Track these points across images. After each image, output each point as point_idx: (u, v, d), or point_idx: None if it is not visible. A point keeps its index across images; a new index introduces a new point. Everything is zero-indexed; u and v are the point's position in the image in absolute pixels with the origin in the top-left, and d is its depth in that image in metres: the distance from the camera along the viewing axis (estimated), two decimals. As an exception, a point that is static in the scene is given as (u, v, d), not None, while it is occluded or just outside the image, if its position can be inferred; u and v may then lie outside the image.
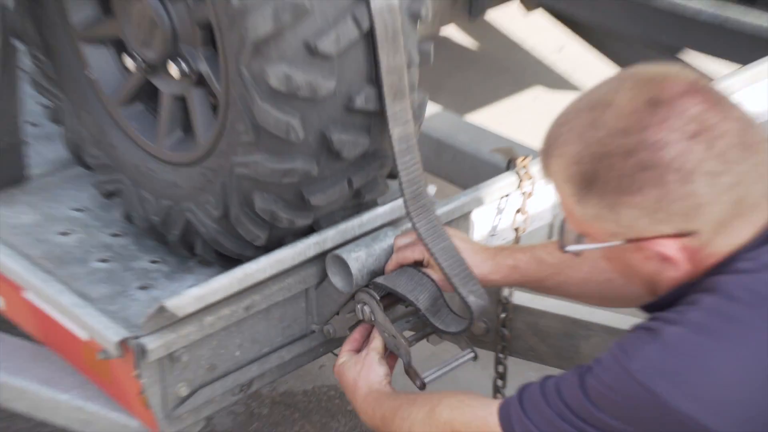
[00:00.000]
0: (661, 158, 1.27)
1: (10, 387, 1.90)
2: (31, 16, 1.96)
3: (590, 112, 1.33)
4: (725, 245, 1.32)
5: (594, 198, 1.32)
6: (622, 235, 1.34)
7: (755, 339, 1.26)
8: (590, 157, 1.31)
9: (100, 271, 1.91)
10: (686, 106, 1.28)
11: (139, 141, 1.93)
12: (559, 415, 1.36)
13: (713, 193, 1.28)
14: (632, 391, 1.28)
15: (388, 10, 1.59)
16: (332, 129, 1.64)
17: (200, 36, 1.72)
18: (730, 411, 1.25)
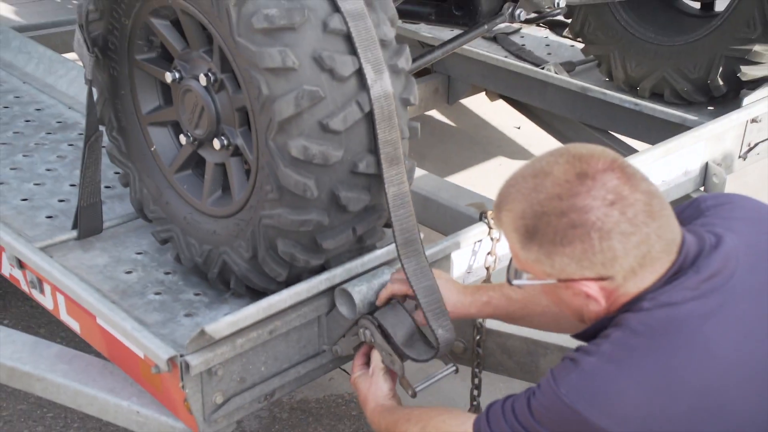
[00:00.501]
0: (586, 220, 1.27)
1: (84, 394, 1.84)
2: (111, 107, 1.97)
3: (533, 178, 1.33)
4: (634, 287, 1.32)
5: (534, 246, 1.32)
6: (555, 275, 1.33)
7: (650, 364, 1.26)
8: (532, 214, 1.31)
9: (155, 302, 1.87)
10: (606, 179, 1.28)
11: (187, 199, 1.91)
12: (512, 428, 1.36)
13: (625, 248, 1.28)
14: (561, 409, 1.28)
15: (384, 96, 1.58)
16: (340, 188, 1.61)
17: (238, 118, 1.71)
18: (635, 423, 1.24)
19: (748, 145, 2.77)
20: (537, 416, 1.33)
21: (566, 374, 1.30)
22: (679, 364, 1.25)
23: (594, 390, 1.26)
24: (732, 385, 1.25)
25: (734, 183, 3.15)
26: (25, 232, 2.09)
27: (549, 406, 1.30)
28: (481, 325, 1.99)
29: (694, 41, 2.89)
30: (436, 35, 3.47)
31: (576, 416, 1.26)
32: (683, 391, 1.24)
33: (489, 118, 4.58)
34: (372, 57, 1.56)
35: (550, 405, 1.30)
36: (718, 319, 1.28)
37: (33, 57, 3.07)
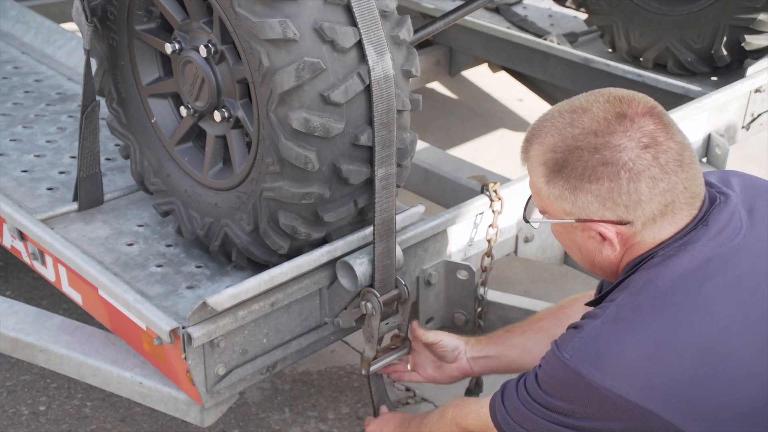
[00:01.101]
0: (618, 158, 1.28)
1: (87, 365, 1.86)
2: (111, 78, 1.96)
3: (570, 114, 1.34)
4: (650, 237, 1.33)
5: (561, 180, 1.32)
6: (575, 215, 1.34)
7: (651, 322, 1.26)
8: (564, 148, 1.32)
9: (157, 275, 1.87)
10: (644, 123, 1.30)
11: (189, 171, 1.90)
12: (524, 403, 1.37)
13: (651, 193, 1.29)
14: (565, 375, 1.28)
15: (385, 78, 1.58)
16: (341, 161, 1.61)
17: (238, 90, 1.70)
18: (639, 382, 1.24)
19: (751, 115, 2.75)
20: (545, 387, 1.33)
21: (570, 339, 1.30)
22: (681, 321, 1.25)
23: (596, 351, 1.26)
24: (734, 342, 1.25)
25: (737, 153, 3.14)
26: (25, 203, 2.09)
27: (554, 373, 1.31)
28: (482, 297, 1.99)
29: (698, 11, 2.86)
30: (438, 6, 3.43)
31: (580, 379, 1.26)
32: (685, 348, 1.24)
33: (491, 90, 4.55)
34: (374, 37, 1.55)
35: (556, 372, 1.30)
36: (721, 276, 1.29)
37: (31, 27, 3.04)
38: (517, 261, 2.91)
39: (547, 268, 3.14)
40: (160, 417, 2.47)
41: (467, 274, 1.95)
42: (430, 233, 1.91)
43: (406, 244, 1.84)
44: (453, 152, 3.73)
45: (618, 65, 2.96)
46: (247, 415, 2.51)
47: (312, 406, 2.55)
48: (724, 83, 2.69)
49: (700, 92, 2.74)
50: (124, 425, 2.45)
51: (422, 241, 1.90)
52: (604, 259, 1.38)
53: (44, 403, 2.52)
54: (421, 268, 1.93)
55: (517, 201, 2.05)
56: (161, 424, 2.46)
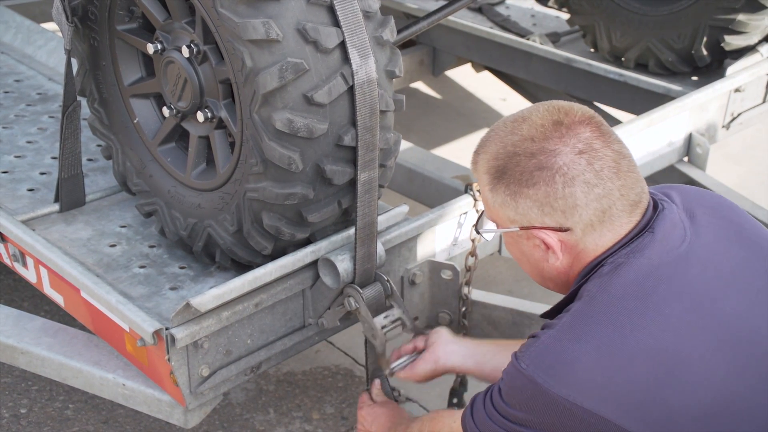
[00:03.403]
0: (553, 163, 1.31)
1: (69, 367, 1.85)
2: (93, 79, 1.95)
3: (512, 123, 1.38)
4: (592, 244, 1.35)
5: (502, 186, 1.36)
6: (518, 222, 1.37)
7: (604, 330, 1.27)
8: (504, 155, 1.35)
9: (140, 276, 1.87)
10: (580, 130, 1.33)
11: (171, 172, 1.89)
12: (489, 416, 1.38)
13: (587, 198, 1.31)
14: (523, 384, 1.29)
15: (368, 82, 1.58)
16: (325, 161, 1.61)
17: (221, 90, 1.70)
18: (593, 390, 1.25)
19: (731, 114, 2.79)
20: (506, 398, 1.34)
21: (527, 349, 1.32)
22: (633, 327, 1.26)
23: (551, 360, 1.27)
24: (686, 346, 1.26)
25: (717, 153, 3.18)
26: (6, 205, 2.07)
27: (513, 384, 1.32)
28: (467, 296, 2.00)
29: (679, 11, 2.89)
30: (422, 6, 3.44)
31: (538, 389, 1.27)
32: (638, 355, 1.25)
33: (474, 89, 4.57)
34: (358, 41, 1.55)
35: (514, 382, 1.32)
36: (671, 282, 1.30)
37: (11, 26, 3.02)
38: (501, 260, 2.93)
39: (531, 267, 3.16)
40: (143, 419, 2.46)
41: (451, 273, 1.95)
42: (414, 233, 1.92)
43: (390, 244, 1.85)
44: (437, 152, 3.74)
45: (600, 65, 2.99)
46: (231, 416, 2.51)
47: (297, 407, 2.55)
48: (705, 83, 2.72)
49: (680, 92, 2.77)
50: (107, 427, 2.44)
51: (406, 240, 1.91)
52: (551, 269, 1.40)
53: (25, 406, 2.51)
54: (406, 267, 1.94)
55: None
56: (145, 426, 2.45)
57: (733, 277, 1.34)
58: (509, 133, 1.36)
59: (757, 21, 2.78)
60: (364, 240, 1.71)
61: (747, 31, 2.80)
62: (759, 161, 3.94)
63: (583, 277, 1.36)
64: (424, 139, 3.95)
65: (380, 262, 1.77)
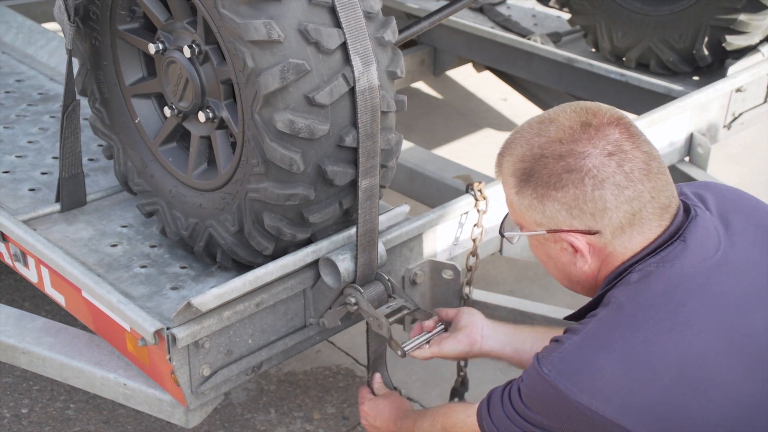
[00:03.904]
0: (582, 165, 1.29)
1: (70, 367, 1.85)
2: (94, 78, 1.95)
3: (538, 125, 1.35)
4: (622, 247, 1.32)
5: (529, 189, 1.33)
6: (545, 225, 1.34)
7: (630, 339, 1.26)
8: (531, 157, 1.33)
9: (141, 275, 1.87)
10: (609, 132, 1.30)
11: (173, 172, 1.90)
12: (507, 415, 1.36)
13: (617, 201, 1.29)
14: (544, 389, 1.28)
15: (370, 89, 1.58)
16: (326, 162, 1.61)
17: (223, 91, 1.70)
18: (616, 400, 1.23)
19: (732, 114, 2.79)
20: (526, 400, 1.33)
21: (549, 354, 1.30)
22: (661, 340, 1.25)
23: (574, 367, 1.26)
24: (714, 362, 1.24)
25: (718, 153, 3.18)
26: (7, 204, 2.08)
27: (534, 387, 1.30)
28: (468, 296, 2.00)
29: (680, 11, 2.89)
30: (423, 6, 3.45)
31: (558, 395, 1.25)
32: (664, 367, 1.23)
33: (475, 89, 4.57)
34: (361, 47, 1.55)
35: (535, 386, 1.30)
36: (702, 294, 1.28)
37: (12, 26, 3.02)
38: (502, 260, 2.94)
39: (532, 267, 3.17)
40: (144, 419, 2.46)
41: (452, 273, 1.96)
42: (416, 233, 1.92)
43: (391, 243, 1.85)
44: (438, 152, 3.74)
45: (601, 65, 2.99)
46: (232, 416, 2.51)
47: (297, 407, 2.55)
48: (706, 83, 2.72)
49: (682, 92, 2.77)
50: (108, 427, 2.45)
51: (407, 240, 1.91)
52: (579, 272, 1.38)
53: (27, 406, 2.51)
54: (407, 267, 1.94)
55: (502, 200, 2.06)
56: (146, 426, 2.45)
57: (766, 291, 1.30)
58: (536, 135, 1.34)
59: (759, 21, 2.78)
60: (365, 246, 1.71)
61: (748, 31, 2.80)
62: (760, 161, 3.94)
63: (610, 282, 1.34)
64: (425, 139, 3.96)
65: (381, 261, 1.78)
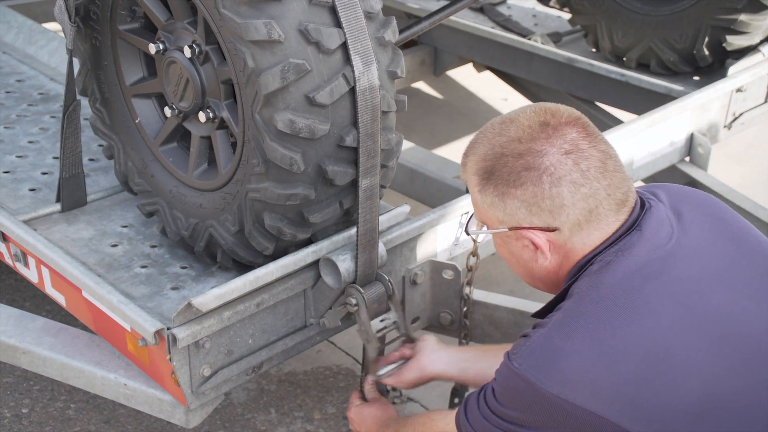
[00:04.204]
0: (540, 163, 1.32)
1: (71, 367, 1.85)
2: (94, 78, 1.95)
3: (500, 125, 1.39)
4: (580, 243, 1.35)
5: (490, 187, 1.37)
6: (507, 223, 1.38)
7: (594, 327, 1.28)
8: (492, 156, 1.37)
9: (141, 275, 1.87)
10: (566, 131, 1.34)
11: (173, 172, 1.90)
12: (484, 416, 1.38)
13: (573, 198, 1.32)
14: (515, 384, 1.30)
15: (370, 89, 1.59)
16: (327, 162, 1.61)
17: (223, 91, 1.70)
18: (585, 387, 1.25)
19: (733, 114, 2.79)
20: (500, 398, 1.35)
21: (519, 349, 1.32)
22: (623, 324, 1.27)
23: (542, 358, 1.28)
24: (676, 343, 1.27)
25: (719, 153, 3.18)
26: (7, 204, 2.08)
27: (506, 383, 1.32)
28: (468, 296, 2.00)
29: (681, 11, 2.89)
30: (423, 6, 3.45)
31: (529, 387, 1.27)
32: (629, 351, 1.26)
33: (476, 89, 4.57)
34: (361, 48, 1.56)
35: (507, 382, 1.32)
36: (660, 279, 1.31)
37: (12, 26, 3.03)
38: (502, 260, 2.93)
39: (532, 267, 3.16)
40: (144, 419, 2.46)
41: (453, 273, 1.96)
42: (416, 233, 1.92)
43: (391, 244, 1.85)
44: (438, 152, 3.74)
45: (601, 65, 2.99)
46: (232, 416, 2.51)
47: (298, 407, 2.56)
48: (706, 83, 2.73)
49: (682, 92, 2.77)
50: (109, 427, 2.45)
51: (408, 240, 1.92)
52: (540, 269, 1.41)
53: (27, 406, 2.51)
54: (407, 267, 1.94)
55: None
56: (146, 426, 2.45)
57: (720, 273, 1.35)
58: (497, 135, 1.38)
59: (759, 21, 2.78)
60: (365, 246, 1.71)
61: (749, 32, 2.80)
62: (761, 161, 3.94)
63: (573, 276, 1.37)
64: (425, 139, 3.96)
65: (382, 261, 1.78)
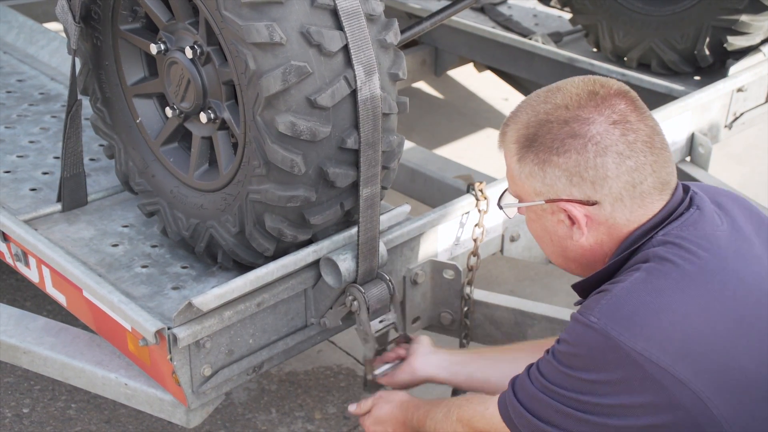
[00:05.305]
0: (587, 131, 1.29)
1: (72, 367, 1.86)
2: (96, 78, 1.96)
3: (545, 93, 1.36)
4: (624, 220, 1.31)
5: (531, 155, 1.33)
6: (544, 194, 1.33)
7: (687, 286, 1.22)
8: (536, 123, 1.33)
9: (142, 275, 1.88)
10: (615, 102, 1.31)
11: (174, 172, 1.90)
12: (541, 389, 1.29)
13: (618, 170, 1.28)
14: (593, 340, 1.21)
15: (371, 98, 1.59)
16: (328, 164, 1.62)
17: (224, 92, 1.70)
18: (672, 346, 1.18)
19: (733, 114, 2.80)
20: (565, 361, 1.25)
21: (595, 304, 1.23)
22: (717, 287, 1.22)
23: (629, 311, 1.19)
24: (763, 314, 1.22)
25: (719, 153, 3.18)
26: (8, 204, 2.08)
27: (578, 341, 1.23)
28: (469, 296, 2.01)
29: (682, 11, 2.89)
30: (424, 6, 3.45)
31: (609, 342, 1.18)
32: (722, 316, 1.20)
33: (476, 89, 4.57)
34: (364, 58, 1.56)
35: (580, 340, 1.23)
36: (738, 250, 1.27)
37: (13, 26, 3.03)
38: (503, 260, 2.94)
39: (533, 267, 3.17)
40: (145, 418, 2.47)
41: (454, 273, 1.96)
42: (417, 233, 1.93)
43: (392, 243, 1.86)
44: (439, 152, 3.75)
45: (602, 65, 3.00)
46: (233, 416, 2.52)
47: (299, 407, 2.56)
48: (707, 83, 2.73)
49: (683, 92, 2.78)
50: (109, 427, 2.46)
51: (408, 240, 1.92)
52: (576, 246, 1.35)
53: (28, 406, 2.52)
54: (408, 267, 1.95)
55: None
56: (147, 426, 2.46)
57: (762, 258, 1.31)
58: (542, 102, 1.34)
59: (760, 21, 2.79)
60: (366, 255, 1.72)
61: (750, 32, 2.80)
62: (761, 161, 3.94)
63: (626, 248, 1.30)
64: (426, 138, 3.96)
65: (382, 261, 1.79)
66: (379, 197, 1.71)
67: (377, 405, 1.76)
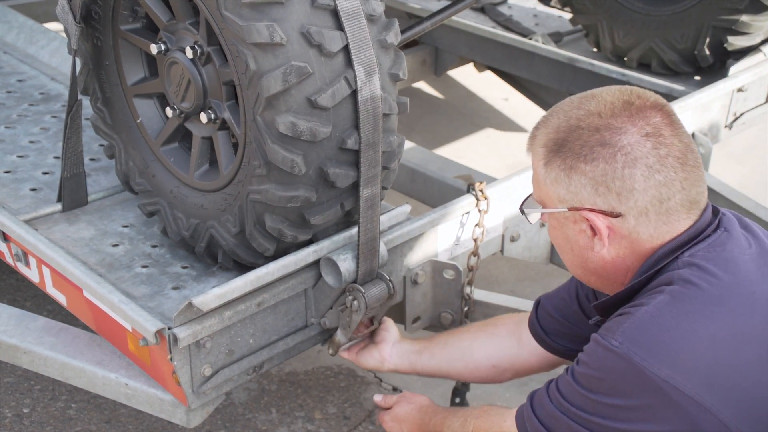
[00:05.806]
0: (618, 141, 1.26)
1: (72, 367, 1.86)
2: (96, 78, 1.96)
3: (579, 99, 1.33)
4: (648, 236, 1.28)
5: (558, 160, 1.30)
6: (568, 202, 1.30)
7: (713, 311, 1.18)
8: (566, 128, 1.30)
9: (142, 275, 1.88)
10: (650, 114, 1.28)
11: (174, 172, 1.91)
12: (560, 409, 1.27)
13: (645, 184, 1.25)
14: (614, 364, 1.18)
15: (372, 99, 1.59)
16: (328, 164, 1.62)
17: (225, 92, 1.71)
18: (699, 374, 1.15)
19: (734, 114, 2.80)
20: (585, 383, 1.23)
21: (617, 327, 1.20)
22: (744, 312, 1.19)
23: (653, 337, 1.16)
24: None
25: (720, 153, 3.19)
26: (8, 204, 2.09)
27: (599, 365, 1.20)
28: (469, 296, 2.01)
29: (682, 11, 2.90)
30: (424, 6, 3.46)
31: (631, 368, 1.16)
32: (750, 344, 1.17)
33: (476, 89, 4.58)
34: (365, 58, 1.56)
35: (601, 364, 1.20)
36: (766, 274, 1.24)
37: (13, 26, 3.04)
38: (503, 260, 2.94)
39: (533, 267, 3.18)
40: (145, 418, 2.47)
41: (454, 273, 1.97)
42: (417, 233, 1.93)
43: (392, 243, 1.86)
44: (439, 152, 3.75)
45: (603, 65, 3.00)
46: (233, 416, 2.52)
47: (299, 407, 2.57)
48: (707, 83, 2.73)
49: (683, 92, 2.78)
50: (110, 427, 2.46)
51: (409, 240, 1.92)
52: (596, 258, 1.32)
53: (28, 406, 2.52)
54: (408, 267, 1.95)
55: (503, 200, 2.07)
56: (147, 426, 2.46)
57: None
58: (575, 108, 1.31)
59: (760, 22, 2.79)
60: (366, 255, 1.72)
61: (750, 32, 2.81)
62: (761, 161, 3.95)
63: (650, 268, 1.27)
64: (426, 138, 3.97)
65: (382, 261, 1.79)
66: (380, 197, 1.71)
67: (399, 403, 1.76)
